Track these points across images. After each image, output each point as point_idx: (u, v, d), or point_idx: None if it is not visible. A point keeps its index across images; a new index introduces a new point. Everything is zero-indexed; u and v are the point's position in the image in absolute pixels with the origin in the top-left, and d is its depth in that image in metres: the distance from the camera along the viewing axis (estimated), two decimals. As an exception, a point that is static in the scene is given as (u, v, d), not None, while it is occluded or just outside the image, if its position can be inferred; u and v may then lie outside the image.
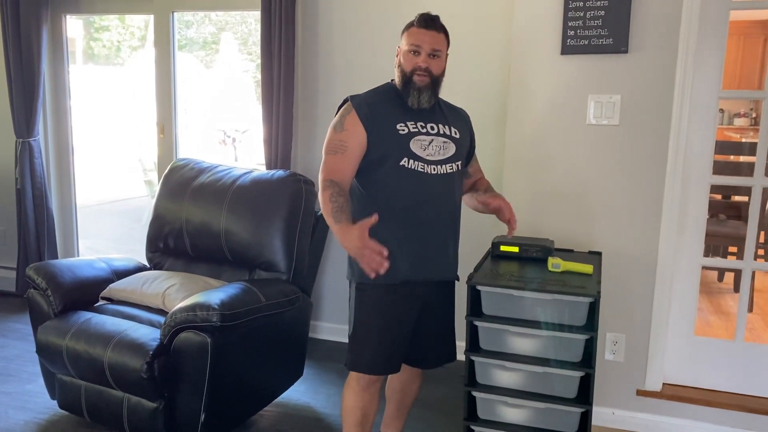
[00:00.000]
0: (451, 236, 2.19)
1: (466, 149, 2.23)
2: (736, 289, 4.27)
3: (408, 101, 2.07)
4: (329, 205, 1.98)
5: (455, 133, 2.15)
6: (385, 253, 1.85)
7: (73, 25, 8.07)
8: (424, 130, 2.08)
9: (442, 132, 2.12)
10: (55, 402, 2.82)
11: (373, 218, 1.88)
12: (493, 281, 2.21)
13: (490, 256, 2.55)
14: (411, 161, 2.05)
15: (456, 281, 2.28)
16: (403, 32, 2.10)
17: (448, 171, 2.11)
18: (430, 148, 2.08)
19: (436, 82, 2.09)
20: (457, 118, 2.22)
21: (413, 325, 2.18)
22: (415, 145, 2.06)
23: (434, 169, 2.08)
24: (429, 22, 2.06)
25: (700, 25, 2.46)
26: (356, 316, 2.15)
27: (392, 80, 2.16)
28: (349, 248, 1.91)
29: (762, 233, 4.21)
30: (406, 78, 2.06)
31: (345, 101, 2.11)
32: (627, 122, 2.57)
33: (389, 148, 2.04)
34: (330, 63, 3.48)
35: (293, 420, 2.83)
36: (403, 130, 2.05)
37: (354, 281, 2.16)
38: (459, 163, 2.16)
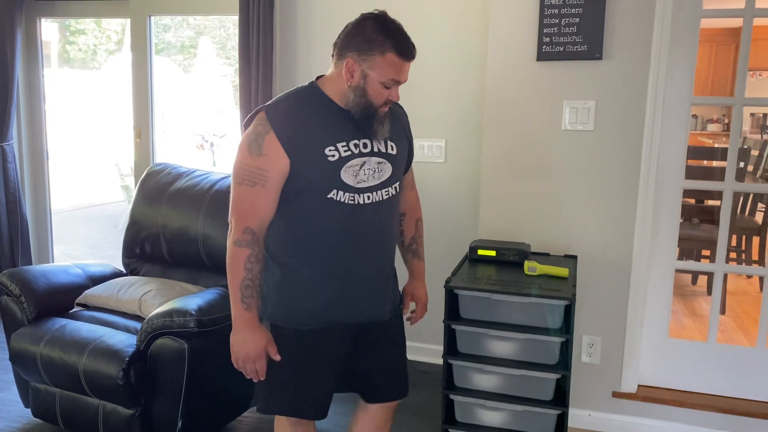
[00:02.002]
0: (385, 269, 1.84)
1: (404, 164, 1.88)
2: (710, 291, 4.34)
3: (370, 132, 1.71)
4: (241, 272, 1.64)
5: (392, 149, 1.77)
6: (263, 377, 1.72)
7: (48, 29, 7.98)
8: (357, 151, 1.70)
9: (376, 150, 1.73)
10: (29, 410, 2.78)
11: (276, 357, 1.72)
12: (471, 285, 2.23)
13: (467, 259, 2.57)
14: (340, 193, 1.68)
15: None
16: (370, 52, 1.64)
17: (384, 197, 1.75)
18: (362, 173, 1.71)
19: None
20: (395, 122, 1.82)
21: (343, 365, 1.85)
22: (346, 174, 1.68)
23: (367, 197, 1.72)
24: (412, 52, 1.70)
25: (672, 33, 2.51)
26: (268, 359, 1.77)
27: (317, 79, 1.77)
28: (240, 350, 1.68)
29: (734, 236, 4.30)
30: (371, 110, 1.69)
31: (257, 112, 1.69)
32: (601, 128, 2.61)
33: (315, 177, 1.67)
34: (309, 67, 3.48)
35: (272, 426, 2.80)
36: (333, 156, 1.66)
37: (266, 319, 1.79)
38: (397, 184, 1.80)
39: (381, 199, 1.74)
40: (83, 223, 7.28)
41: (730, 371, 2.68)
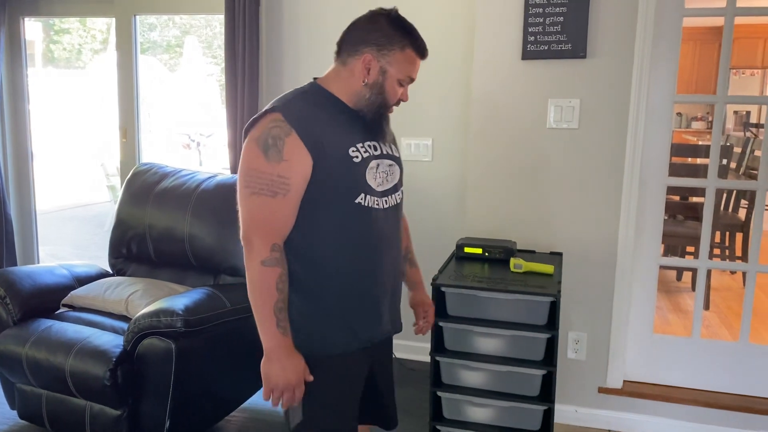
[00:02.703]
0: (399, 278, 1.74)
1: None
2: (694, 287, 4.39)
3: (378, 133, 1.63)
4: (273, 294, 1.46)
5: (396, 151, 1.71)
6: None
7: (33, 28, 7.91)
8: (377, 152, 1.61)
9: (385, 152, 1.64)
10: (15, 412, 2.76)
11: (310, 378, 1.55)
12: (457, 282, 2.25)
13: (454, 257, 2.58)
14: (368, 198, 1.56)
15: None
16: (390, 47, 1.57)
17: (397, 201, 1.67)
18: (379, 175, 1.60)
19: None
20: (388, 126, 1.72)
21: (362, 390, 1.71)
22: (369, 176, 1.57)
23: (385, 201, 1.62)
24: (426, 49, 1.64)
25: (655, 31, 2.54)
26: (313, 395, 1.58)
27: (314, 80, 1.65)
28: (280, 380, 1.48)
29: (717, 233, 4.35)
30: (384, 110, 1.61)
31: (266, 112, 1.50)
32: (586, 126, 2.63)
33: (341, 182, 1.52)
34: (295, 66, 3.48)
35: (260, 425, 2.82)
36: (357, 157, 1.54)
37: (312, 354, 1.56)
38: (402, 188, 1.73)
39: (395, 203, 1.66)
40: (69, 223, 7.23)
41: (714, 366, 2.71)
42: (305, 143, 1.47)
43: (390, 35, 1.57)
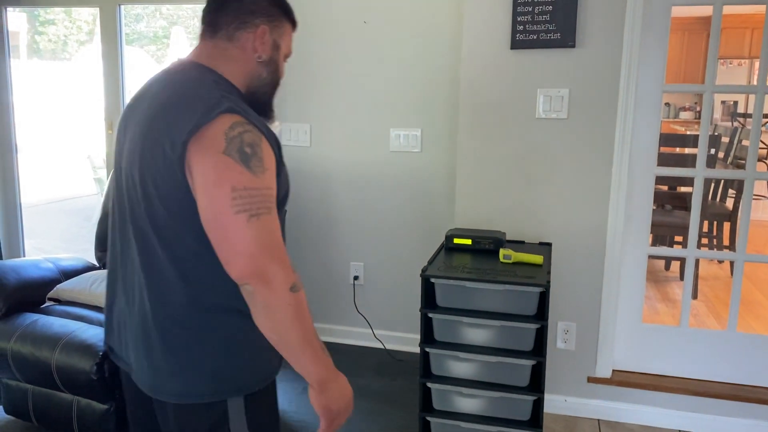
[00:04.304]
0: None
1: None
2: (682, 276, 4.41)
3: (270, 116, 1.42)
4: (308, 318, 1.21)
5: None
6: None
7: (17, 19, 7.80)
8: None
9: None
10: (0, 407, 2.73)
11: None
12: (447, 273, 2.24)
13: (443, 248, 2.57)
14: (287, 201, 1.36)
15: None
16: (280, 18, 1.37)
17: None
18: None
19: None
20: None
21: None
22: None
23: None
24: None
25: (644, 21, 2.53)
26: None
27: (219, 78, 1.29)
28: (341, 401, 1.27)
29: (705, 222, 4.37)
30: (274, 93, 1.43)
31: (217, 114, 1.17)
32: (575, 116, 2.63)
33: (285, 187, 1.32)
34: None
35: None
36: (282, 156, 1.32)
37: (239, 394, 1.32)
38: None
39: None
40: (55, 216, 7.16)
41: (703, 355, 2.72)
42: (273, 150, 1.24)
43: (274, 4, 1.35)
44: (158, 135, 1.20)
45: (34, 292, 2.74)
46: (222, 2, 1.33)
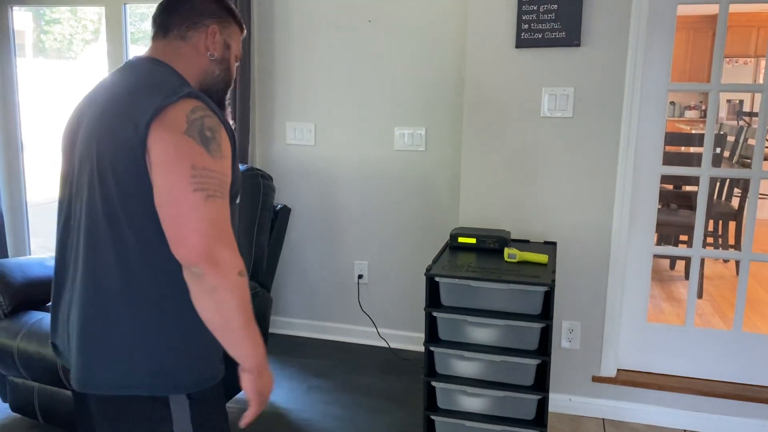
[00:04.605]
0: None
1: None
2: (687, 276, 4.40)
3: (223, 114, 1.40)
4: (251, 305, 1.22)
5: None
6: None
7: (23, 18, 7.82)
8: None
9: None
10: (6, 405, 2.75)
11: None
12: (451, 272, 2.24)
13: (448, 247, 2.57)
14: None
15: None
16: (228, 20, 1.44)
17: None
18: None
19: None
20: None
21: None
22: None
23: None
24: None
25: (649, 19, 2.52)
26: None
27: (175, 72, 1.35)
28: (268, 387, 1.32)
29: (711, 222, 4.36)
30: (228, 88, 1.47)
31: (182, 95, 1.22)
32: (580, 114, 2.62)
33: (234, 185, 1.31)
34: (286, 56, 3.45)
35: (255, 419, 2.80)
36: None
37: (181, 392, 1.28)
38: None
39: None
40: (61, 215, 7.18)
41: (708, 354, 2.72)
42: (230, 140, 1.29)
43: (221, 8, 1.43)
44: (121, 119, 1.22)
45: (39, 291, 2.75)
46: (173, 4, 1.40)
